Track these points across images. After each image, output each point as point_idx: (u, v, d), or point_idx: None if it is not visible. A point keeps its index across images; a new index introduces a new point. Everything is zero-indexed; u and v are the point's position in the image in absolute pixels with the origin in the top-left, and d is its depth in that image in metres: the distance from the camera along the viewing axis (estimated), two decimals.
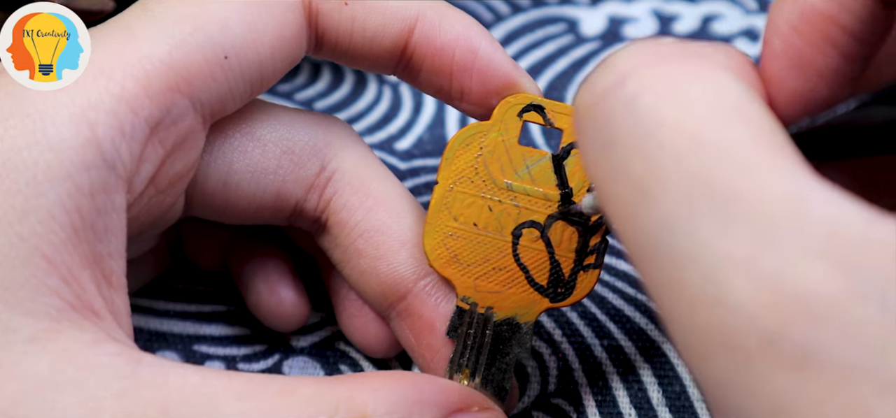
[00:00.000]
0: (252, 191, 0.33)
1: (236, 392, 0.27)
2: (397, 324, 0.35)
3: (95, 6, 0.35)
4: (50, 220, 0.27)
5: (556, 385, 0.37)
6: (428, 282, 0.34)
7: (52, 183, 0.27)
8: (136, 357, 0.27)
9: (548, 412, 0.36)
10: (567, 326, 0.38)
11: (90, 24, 0.31)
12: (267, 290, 0.37)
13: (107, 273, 0.28)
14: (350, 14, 0.32)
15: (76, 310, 0.27)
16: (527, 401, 0.36)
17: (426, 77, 0.34)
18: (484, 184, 0.33)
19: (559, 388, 0.36)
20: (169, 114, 0.29)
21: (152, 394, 0.27)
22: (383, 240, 0.34)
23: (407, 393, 0.29)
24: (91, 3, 0.35)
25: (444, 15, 0.33)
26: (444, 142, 0.43)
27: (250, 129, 0.33)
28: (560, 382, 0.37)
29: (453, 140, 0.34)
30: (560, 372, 0.37)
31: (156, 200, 0.30)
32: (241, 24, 0.30)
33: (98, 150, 0.28)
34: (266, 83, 0.32)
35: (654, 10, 0.48)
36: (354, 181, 0.34)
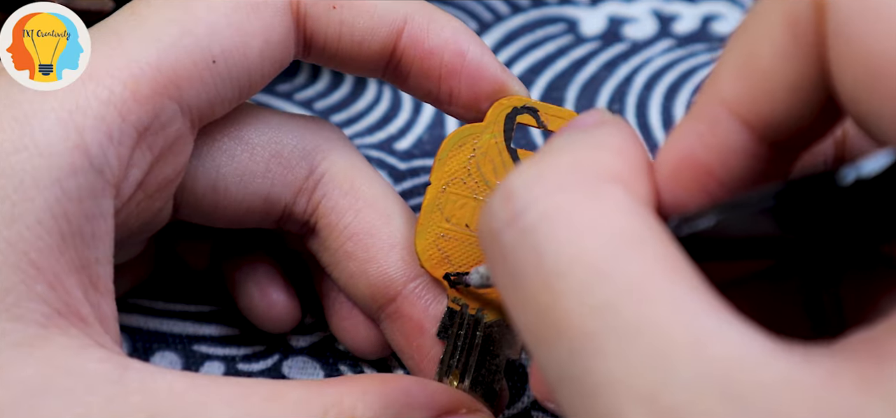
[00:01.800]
0: (241, 195, 0.33)
1: (225, 397, 0.27)
2: (387, 326, 0.35)
3: (95, 6, 0.35)
4: (37, 226, 0.27)
5: None
6: (418, 284, 0.34)
7: (39, 188, 0.27)
8: (123, 363, 0.27)
9: (548, 412, 0.36)
10: None
11: (90, 24, 0.31)
12: (258, 293, 0.37)
13: (94, 278, 0.28)
14: (338, 17, 0.32)
15: (63, 315, 0.27)
16: (526, 401, 0.36)
17: (415, 81, 0.34)
18: (477, 185, 0.33)
19: None
20: (157, 119, 0.29)
21: (140, 400, 0.27)
22: (373, 243, 0.34)
23: (395, 395, 0.29)
24: (91, 3, 0.35)
25: (433, 18, 0.33)
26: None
27: (239, 133, 0.33)
28: None
29: (446, 141, 0.34)
30: None
31: (144, 205, 0.30)
32: (230, 27, 0.30)
33: (86, 155, 0.28)
34: (254, 87, 0.32)
35: (654, 10, 0.48)
36: (343, 184, 0.34)
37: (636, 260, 0.21)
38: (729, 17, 0.48)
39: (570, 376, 0.21)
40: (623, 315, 0.20)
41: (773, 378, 0.19)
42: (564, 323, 0.21)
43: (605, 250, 0.21)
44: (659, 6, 0.48)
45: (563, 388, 0.21)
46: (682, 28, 0.48)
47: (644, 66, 0.46)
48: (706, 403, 0.19)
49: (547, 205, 0.22)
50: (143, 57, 0.29)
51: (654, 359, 0.20)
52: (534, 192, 0.22)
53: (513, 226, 0.22)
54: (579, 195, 0.22)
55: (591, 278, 0.21)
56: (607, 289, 0.21)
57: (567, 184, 0.22)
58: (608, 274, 0.21)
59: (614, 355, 0.20)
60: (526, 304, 0.22)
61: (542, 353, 0.22)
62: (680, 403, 0.19)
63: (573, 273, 0.21)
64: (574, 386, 0.21)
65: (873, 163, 0.19)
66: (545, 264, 0.21)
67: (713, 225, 0.22)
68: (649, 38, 0.48)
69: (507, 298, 0.23)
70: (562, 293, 0.21)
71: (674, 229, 0.23)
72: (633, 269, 0.21)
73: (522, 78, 0.46)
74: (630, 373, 0.20)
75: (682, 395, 0.19)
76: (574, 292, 0.21)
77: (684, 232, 0.23)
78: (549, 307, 0.21)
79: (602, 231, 0.21)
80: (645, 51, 0.47)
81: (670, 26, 0.48)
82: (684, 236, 0.23)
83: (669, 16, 0.48)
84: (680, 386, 0.19)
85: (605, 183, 0.22)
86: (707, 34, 0.47)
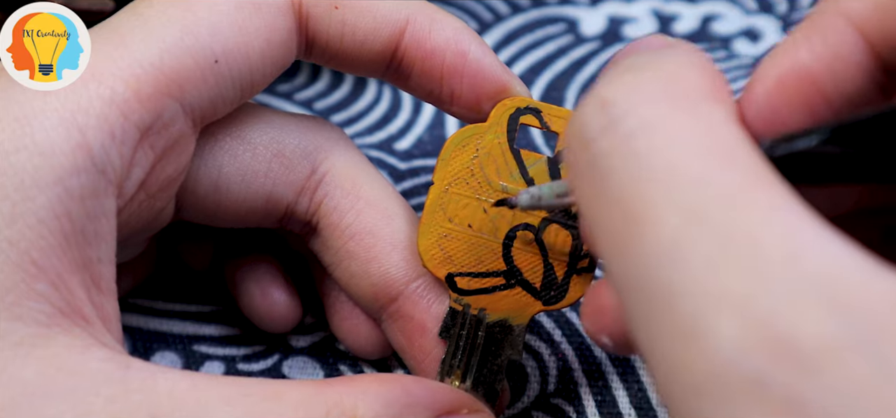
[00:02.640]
0: (242, 195, 0.33)
1: (226, 397, 0.27)
2: (389, 326, 0.35)
3: (95, 6, 0.35)
4: (39, 225, 0.27)
5: (555, 385, 0.36)
6: (419, 284, 0.34)
7: (41, 187, 0.27)
8: (125, 362, 0.27)
9: (547, 412, 0.36)
10: (567, 326, 0.38)
11: (90, 24, 0.31)
12: (259, 293, 0.37)
13: (96, 278, 0.28)
14: (340, 18, 0.32)
15: (65, 315, 0.27)
16: (527, 401, 0.36)
17: (416, 81, 0.34)
18: (480, 185, 0.33)
19: (559, 388, 0.36)
20: (159, 119, 0.29)
21: (142, 400, 0.27)
22: (374, 243, 0.34)
23: (396, 395, 0.29)
24: (91, 3, 0.35)
25: (435, 19, 0.33)
26: (444, 142, 0.43)
27: (240, 133, 0.33)
28: (560, 382, 0.37)
29: (449, 141, 0.34)
30: (560, 372, 0.37)
31: (146, 204, 0.30)
32: (232, 27, 0.30)
33: (88, 155, 0.28)
34: (256, 87, 0.32)
35: (654, 9, 0.48)
36: (345, 184, 0.34)
37: (733, 171, 0.21)
38: (729, 17, 0.48)
39: (650, 279, 0.21)
40: (716, 220, 0.20)
41: (877, 293, 0.18)
42: (653, 224, 0.21)
43: (703, 160, 0.21)
44: (659, 6, 0.48)
45: (637, 298, 0.21)
46: (682, 28, 0.48)
47: None
48: (805, 310, 0.19)
49: (646, 114, 0.22)
50: (145, 57, 0.29)
51: (747, 264, 0.19)
52: (632, 100, 0.22)
53: (609, 133, 0.22)
54: (678, 107, 0.22)
55: (687, 185, 0.21)
56: (702, 195, 0.20)
57: (665, 96, 0.22)
58: (704, 181, 0.20)
59: (704, 257, 0.20)
60: (612, 210, 0.22)
61: (621, 262, 0.22)
62: (774, 308, 0.19)
63: (669, 179, 0.21)
64: (652, 293, 0.20)
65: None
66: (641, 170, 0.21)
67: (813, 145, 0.22)
68: None
69: (589, 207, 0.23)
70: (655, 196, 0.21)
71: (767, 149, 0.23)
72: (730, 179, 0.20)
73: (522, 78, 0.46)
74: (720, 276, 0.19)
75: (777, 301, 0.19)
76: (668, 197, 0.21)
77: (780, 152, 0.22)
78: (638, 209, 0.21)
79: (700, 142, 0.21)
80: None
81: (670, 26, 0.48)
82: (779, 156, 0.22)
83: (669, 16, 0.48)
84: (776, 292, 0.19)
85: (701, 98, 0.22)
86: (707, 34, 0.47)
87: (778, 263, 0.19)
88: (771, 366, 0.18)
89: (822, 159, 0.22)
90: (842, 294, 0.19)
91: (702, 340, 0.19)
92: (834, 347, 0.18)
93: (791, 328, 0.18)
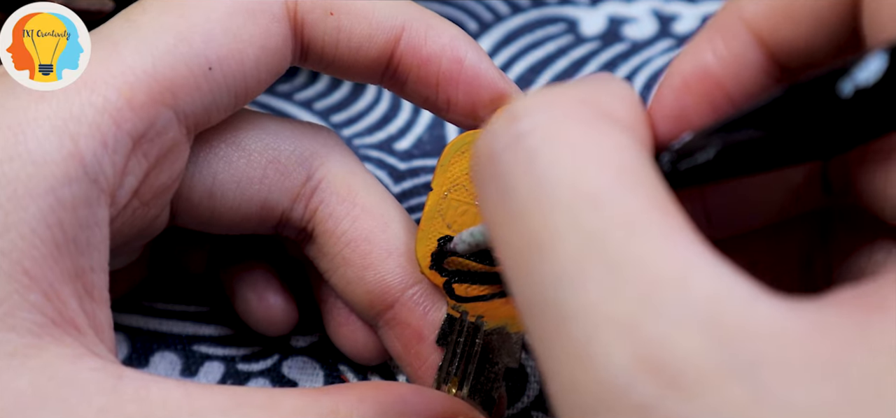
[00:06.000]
0: (237, 202, 0.33)
1: (220, 406, 0.27)
2: (385, 333, 0.35)
3: (95, 6, 0.35)
4: (31, 235, 0.27)
5: None
6: (416, 290, 0.34)
7: (33, 197, 0.27)
8: (117, 372, 0.27)
9: (547, 412, 0.36)
10: None
11: (90, 24, 0.31)
12: (255, 297, 0.37)
13: (89, 287, 0.28)
14: (336, 24, 0.32)
15: (58, 325, 0.27)
16: (526, 401, 0.36)
17: (412, 87, 0.33)
18: None
19: None
20: (153, 127, 0.29)
21: (135, 410, 0.27)
22: (370, 250, 0.34)
23: (392, 403, 0.29)
24: (91, 3, 0.35)
25: (431, 25, 0.33)
26: (444, 142, 0.43)
27: (235, 139, 0.33)
28: None
29: (448, 147, 0.34)
30: None
31: (140, 212, 0.30)
32: (226, 34, 0.30)
33: (80, 164, 0.27)
34: (251, 93, 0.32)
35: (654, 9, 0.48)
36: (341, 190, 0.34)
37: (631, 195, 0.21)
38: None
39: (547, 300, 0.21)
40: (612, 244, 0.20)
41: (759, 321, 0.19)
42: (551, 246, 0.21)
43: (603, 181, 0.21)
44: (659, 6, 0.48)
45: (535, 314, 0.21)
46: (682, 28, 0.48)
47: (644, 67, 0.46)
48: (688, 337, 0.19)
49: (552, 131, 0.22)
50: (138, 64, 0.29)
51: (638, 290, 0.20)
52: (540, 117, 0.23)
53: (514, 147, 0.22)
54: (585, 127, 0.22)
55: (586, 205, 0.21)
56: (600, 218, 0.21)
57: (574, 115, 0.23)
58: (603, 203, 0.21)
59: (598, 282, 0.20)
60: (513, 224, 0.22)
61: (520, 277, 0.22)
62: (661, 334, 0.19)
63: (569, 198, 0.21)
64: (549, 311, 0.21)
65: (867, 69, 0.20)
66: (542, 186, 0.21)
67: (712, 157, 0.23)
68: (649, 39, 0.47)
69: (492, 219, 0.23)
70: (554, 216, 0.21)
71: (670, 165, 0.24)
72: (628, 203, 0.21)
73: (522, 78, 0.46)
74: (612, 301, 0.20)
75: (663, 327, 0.19)
76: (567, 216, 0.21)
77: (684, 166, 0.23)
78: (538, 228, 0.21)
79: (603, 163, 0.21)
80: (645, 51, 0.47)
81: (670, 26, 0.48)
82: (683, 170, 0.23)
83: (669, 16, 0.48)
84: (662, 318, 0.19)
85: (610, 122, 0.23)
86: None
87: (667, 289, 0.20)
88: (656, 392, 0.19)
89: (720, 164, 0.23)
90: (725, 320, 0.19)
91: (594, 364, 0.20)
92: (713, 372, 0.19)
93: (674, 353, 0.19)
